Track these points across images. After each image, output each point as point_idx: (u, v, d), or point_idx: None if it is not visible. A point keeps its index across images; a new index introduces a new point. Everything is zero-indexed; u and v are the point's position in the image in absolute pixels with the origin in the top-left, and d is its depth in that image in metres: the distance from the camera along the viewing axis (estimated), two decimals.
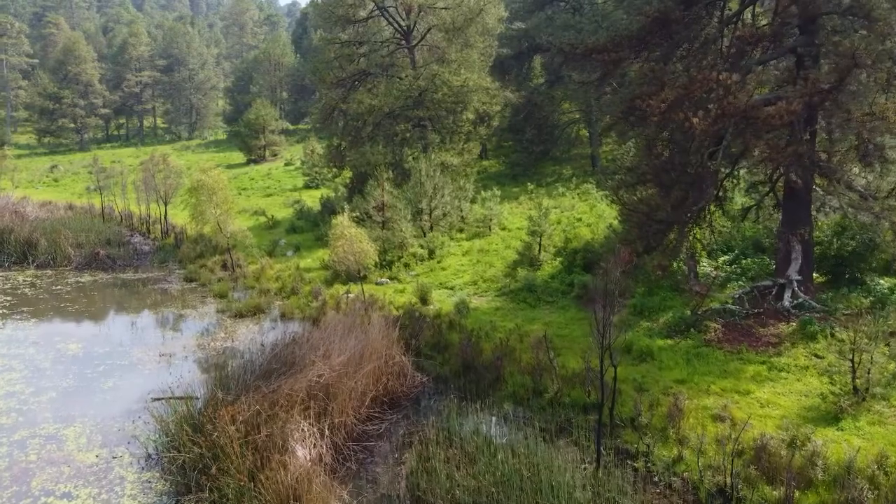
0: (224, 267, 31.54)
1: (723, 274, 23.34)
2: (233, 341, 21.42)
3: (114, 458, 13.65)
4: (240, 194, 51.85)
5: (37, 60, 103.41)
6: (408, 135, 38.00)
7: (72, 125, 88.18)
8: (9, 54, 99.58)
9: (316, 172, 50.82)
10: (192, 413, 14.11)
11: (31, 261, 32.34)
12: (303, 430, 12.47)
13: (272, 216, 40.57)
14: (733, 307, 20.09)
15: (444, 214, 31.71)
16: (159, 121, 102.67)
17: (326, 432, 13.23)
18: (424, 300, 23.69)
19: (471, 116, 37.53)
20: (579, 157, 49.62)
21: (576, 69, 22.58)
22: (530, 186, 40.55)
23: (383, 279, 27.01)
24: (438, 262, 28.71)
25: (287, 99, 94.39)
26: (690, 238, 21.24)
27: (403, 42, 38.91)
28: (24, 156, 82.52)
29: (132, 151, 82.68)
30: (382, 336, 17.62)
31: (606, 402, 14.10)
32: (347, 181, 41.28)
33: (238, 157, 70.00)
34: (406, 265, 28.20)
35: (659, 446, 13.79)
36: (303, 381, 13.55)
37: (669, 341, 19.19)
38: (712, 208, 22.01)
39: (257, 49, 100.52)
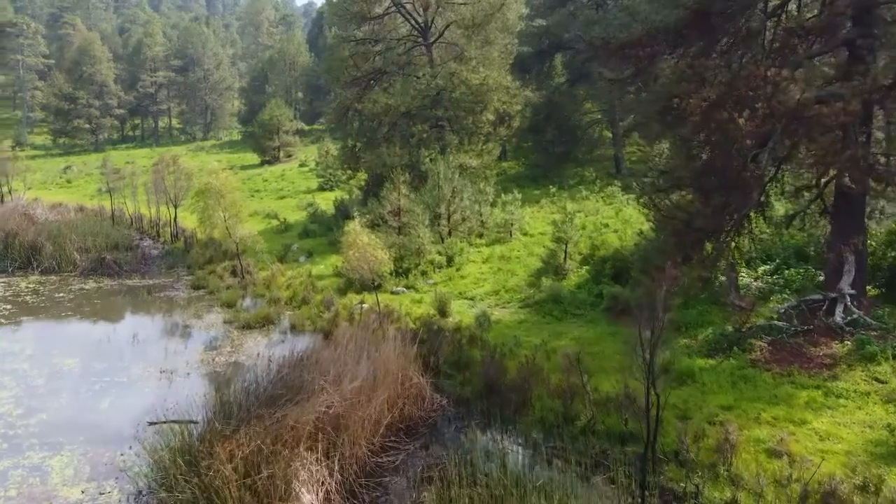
0: (234, 273, 30.31)
1: (764, 285, 21.71)
2: (239, 356, 20.11)
3: (101, 493, 12.34)
4: (252, 196, 50.71)
5: (53, 61, 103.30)
6: (425, 135, 36.61)
7: (87, 126, 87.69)
8: (25, 55, 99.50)
9: (330, 174, 49.56)
10: (189, 443, 12.76)
11: (35, 266, 31.31)
12: (309, 469, 11.05)
13: (284, 219, 39.34)
14: (780, 324, 18.44)
15: (464, 219, 30.26)
16: (174, 121, 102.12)
17: (336, 468, 11.82)
18: (443, 312, 22.24)
19: (491, 117, 36.05)
20: (602, 158, 47.92)
21: (606, 65, 21.06)
22: (552, 189, 39.00)
23: (399, 288, 25.61)
24: (457, 269, 27.26)
25: (302, 99, 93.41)
26: (732, 247, 19.61)
27: (420, 39, 37.52)
28: (39, 156, 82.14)
29: (146, 152, 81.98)
30: (398, 354, 16.21)
31: (649, 434, 12.60)
32: (362, 183, 39.94)
33: (252, 158, 68.99)
34: (423, 273, 26.77)
35: (709, 486, 12.24)
36: (310, 412, 12.14)
37: (711, 361, 17.59)
38: (752, 214, 20.40)
39: (273, 49, 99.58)
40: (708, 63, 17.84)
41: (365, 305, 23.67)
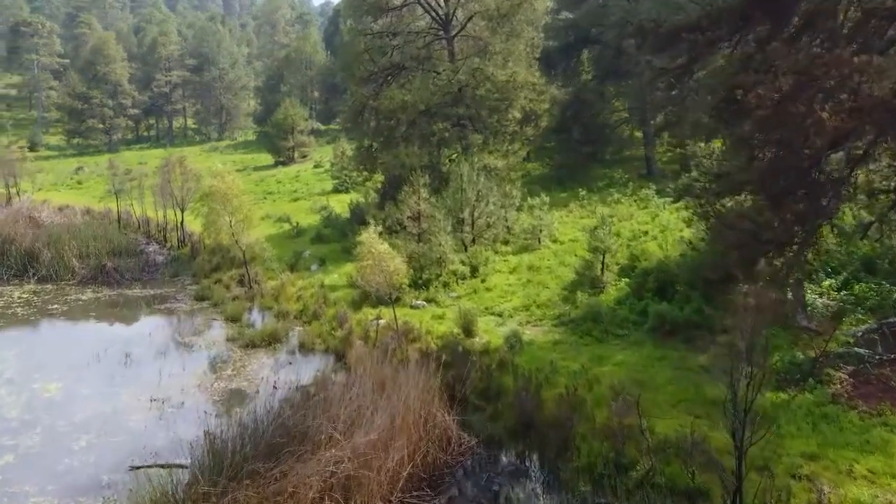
0: (241, 282, 28.24)
1: (831, 303, 19.17)
2: (241, 381, 17.96)
3: None
4: (265, 198, 48.75)
5: (68, 61, 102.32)
6: (446, 135, 34.28)
7: (100, 126, 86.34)
8: (40, 54, 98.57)
9: (345, 175, 47.40)
10: (174, 498, 10.61)
11: (31, 274, 29.39)
12: None
13: (297, 223, 37.22)
14: (861, 351, 15.94)
15: (489, 225, 27.91)
16: (189, 121, 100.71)
17: None
18: (469, 331, 19.93)
19: (517, 115, 33.64)
20: (631, 158, 45.30)
21: (656, 53, 18.67)
22: (581, 192, 36.48)
23: (419, 301, 23.33)
24: (482, 281, 24.91)
25: (318, 98, 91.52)
26: (805, 261, 17.12)
27: (441, 32, 35.23)
28: (52, 157, 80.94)
29: (160, 153, 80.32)
30: (421, 388, 13.93)
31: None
32: (379, 186, 37.72)
33: (266, 158, 67.09)
34: (445, 285, 24.48)
35: None
36: (315, 471, 9.89)
37: (783, 394, 15.12)
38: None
39: (289, 48, 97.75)
40: (780, 49, 15.35)
41: (381, 321, 21.44)
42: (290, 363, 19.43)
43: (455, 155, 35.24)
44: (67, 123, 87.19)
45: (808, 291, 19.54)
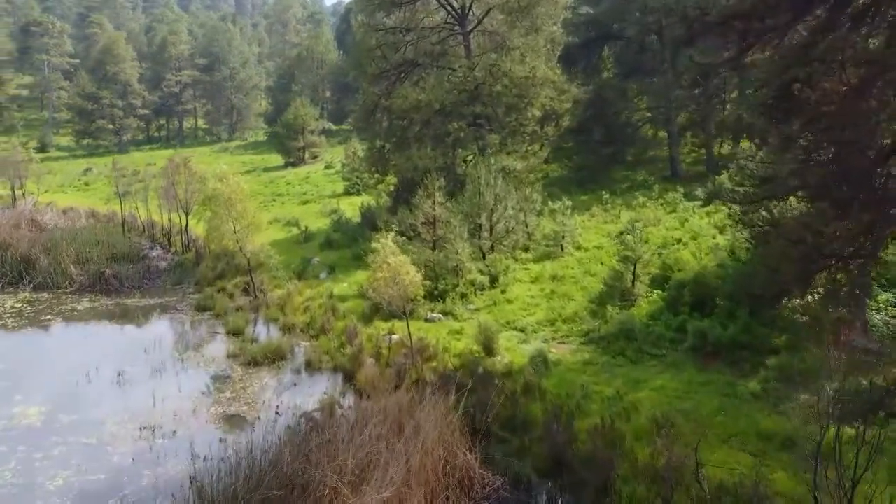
0: (246, 291, 26.72)
1: (890, 319, 17.30)
2: (240, 405, 16.37)
3: None
4: (274, 200, 47.31)
5: (78, 61, 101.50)
6: (461, 135, 32.59)
7: (110, 126, 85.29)
8: (51, 55, 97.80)
9: (356, 177, 45.78)
10: None
11: (27, 282, 27.99)
12: None
13: (306, 227, 35.65)
14: None
15: (508, 231, 26.18)
16: (200, 122, 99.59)
17: None
18: (489, 349, 18.23)
19: (537, 113, 31.85)
20: (655, 159, 43.40)
21: (702, 44, 16.86)
22: (605, 195, 34.65)
23: (434, 314, 21.67)
24: (502, 291, 23.18)
25: (330, 98, 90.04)
26: (869, 275, 15.32)
27: (457, 27, 33.52)
28: (62, 158, 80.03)
29: (170, 153, 79.16)
30: (439, 421, 12.27)
31: None
32: (391, 188, 36.08)
33: (276, 159, 65.63)
34: (462, 296, 22.79)
35: None
36: None
37: (849, 430, 13.26)
38: None
39: (300, 47, 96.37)
40: (846, 37, 13.53)
41: (394, 337, 19.79)
42: (295, 384, 17.84)
43: (471, 156, 33.55)
44: (77, 124, 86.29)
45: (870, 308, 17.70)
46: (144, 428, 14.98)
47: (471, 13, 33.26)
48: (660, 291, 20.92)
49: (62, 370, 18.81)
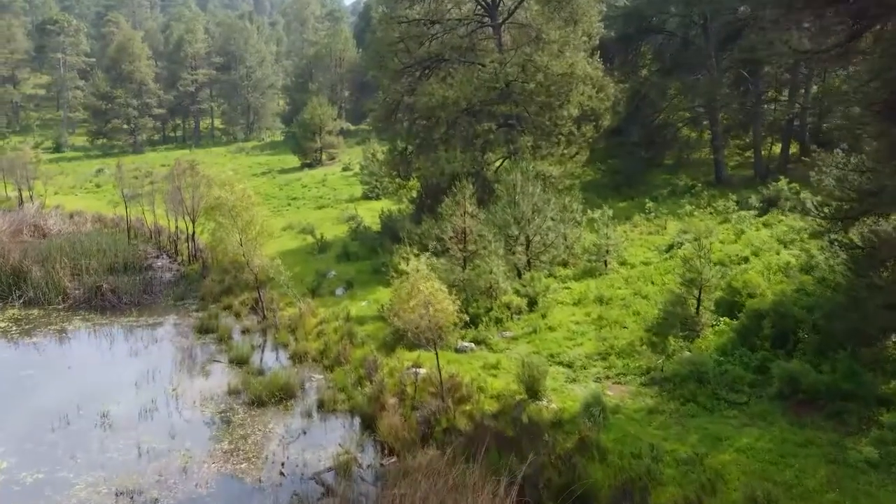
0: (254, 309, 24.20)
1: None
2: (238, 461, 13.71)
3: None
4: (289, 205, 44.85)
5: (94, 60, 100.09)
6: (491, 137, 29.81)
7: (125, 126, 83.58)
8: (67, 53, 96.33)
9: (376, 181, 43.08)
10: None
11: (18, 296, 25.60)
12: None
13: (321, 236, 33.04)
14: None
15: (546, 246, 23.32)
16: (217, 122, 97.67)
17: None
18: (533, 391, 15.41)
19: (574, 111, 28.93)
20: (697, 163, 40.29)
21: (803, 27, 13.98)
22: (648, 203, 31.68)
23: (466, 343, 18.90)
24: (543, 316, 20.33)
25: (348, 97, 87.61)
26: None
27: (487, 19, 30.75)
28: (76, 159, 78.35)
29: (185, 154, 77.30)
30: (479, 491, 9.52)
31: None
32: (414, 194, 33.39)
33: (293, 160, 63.21)
34: (497, 321, 20.02)
35: None
36: None
37: None
38: None
39: (318, 45, 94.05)
40: None
41: (420, 371, 17.06)
42: (305, 432, 15.16)
43: (499, 161, 30.74)
44: (92, 124, 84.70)
45: None
46: (121, 493, 12.39)
47: (501, 4, 30.48)
48: (727, 320, 17.99)
49: (37, 409, 16.30)
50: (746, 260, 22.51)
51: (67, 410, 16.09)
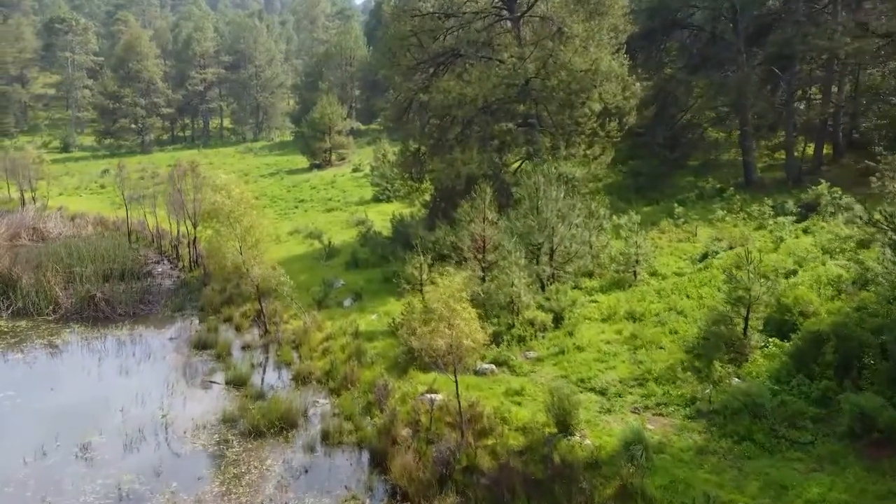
0: (256, 320, 22.55)
1: None
2: None
3: None
4: (296, 207, 43.26)
5: (103, 59, 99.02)
6: (508, 137, 28.03)
7: (133, 126, 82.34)
8: (75, 52, 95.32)
9: (387, 183, 41.35)
10: None
11: (6, 306, 24.04)
12: None
13: (329, 241, 31.38)
14: None
15: (571, 255, 21.49)
16: (226, 121, 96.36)
17: None
18: (564, 425, 13.60)
19: (596, 107, 27.06)
20: (724, 164, 38.25)
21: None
22: (676, 208, 29.77)
23: (486, 365, 17.13)
24: (569, 333, 18.50)
25: (359, 96, 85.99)
26: None
27: (505, 12, 28.96)
28: (83, 159, 77.18)
29: (194, 154, 75.96)
30: None
31: None
32: (427, 198, 31.64)
33: (302, 161, 61.60)
34: (520, 340, 18.23)
35: None
36: None
37: None
38: None
39: (328, 43, 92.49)
40: None
41: (436, 398, 15.30)
42: (307, 470, 13.43)
43: (518, 163, 28.93)
44: (100, 123, 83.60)
45: None
46: None
47: None
48: (778, 341, 16.13)
49: (11, 438, 14.70)
50: (794, 273, 20.54)
51: (45, 440, 14.49)
